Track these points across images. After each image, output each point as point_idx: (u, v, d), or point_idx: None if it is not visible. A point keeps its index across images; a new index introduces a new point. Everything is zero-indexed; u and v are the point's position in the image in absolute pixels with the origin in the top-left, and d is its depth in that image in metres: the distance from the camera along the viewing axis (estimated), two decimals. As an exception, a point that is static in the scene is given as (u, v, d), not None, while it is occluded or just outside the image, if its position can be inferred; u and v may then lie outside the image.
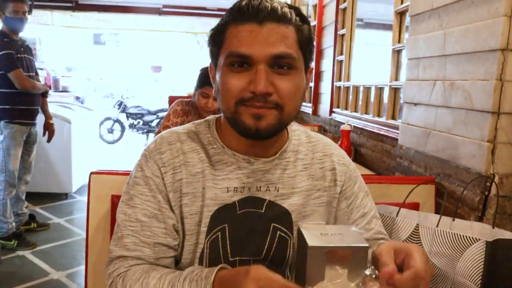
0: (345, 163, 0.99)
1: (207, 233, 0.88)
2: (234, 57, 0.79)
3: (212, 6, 8.01)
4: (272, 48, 0.77)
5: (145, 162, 0.90)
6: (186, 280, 0.76)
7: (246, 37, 0.78)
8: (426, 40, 1.82)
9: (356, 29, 3.36)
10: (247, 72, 0.79)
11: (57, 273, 2.85)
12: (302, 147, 0.96)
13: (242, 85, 0.79)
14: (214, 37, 0.86)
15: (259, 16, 0.77)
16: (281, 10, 0.79)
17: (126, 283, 0.81)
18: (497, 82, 1.38)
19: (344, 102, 3.47)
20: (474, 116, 1.48)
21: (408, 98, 1.97)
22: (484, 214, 1.44)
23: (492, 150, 1.41)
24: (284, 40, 0.79)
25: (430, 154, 1.77)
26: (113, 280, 0.84)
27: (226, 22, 0.83)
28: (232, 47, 0.79)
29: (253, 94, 0.78)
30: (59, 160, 4.28)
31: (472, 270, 1.16)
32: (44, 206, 4.12)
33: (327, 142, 1.00)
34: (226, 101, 0.82)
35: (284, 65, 0.80)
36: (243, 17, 0.79)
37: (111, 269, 0.86)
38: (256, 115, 0.79)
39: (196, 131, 0.93)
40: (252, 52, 0.77)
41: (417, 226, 1.27)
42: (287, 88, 0.80)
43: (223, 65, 0.81)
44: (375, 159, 2.56)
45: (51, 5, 7.23)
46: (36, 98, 3.23)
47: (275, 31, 0.78)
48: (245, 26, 0.78)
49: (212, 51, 0.87)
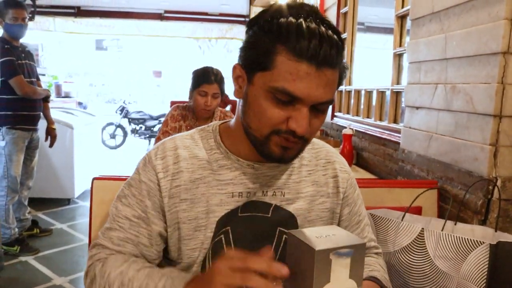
0: (347, 171, 1.02)
1: (213, 238, 0.89)
2: (284, 94, 0.77)
3: (213, 11, 8.02)
4: (322, 95, 0.78)
5: (143, 166, 0.91)
6: (163, 276, 0.79)
7: (302, 78, 0.75)
8: (427, 44, 1.82)
9: (358, 33, 3.37)
10: (289, 107, 0.78)
11: (60, 278, 2.85)
12: (306, 154, 0.98)
13: (282, 118, 0.79)
14: (256, 49, 0.80)
15: (318, 60, 0.74)
16: (337, 55, 0.77)
17: (106, 269, 0.84)
18: (499, 85, 1.38)
19: (346, 106, 3.48)
20: (476, 120, 1.48)
21: (409, 102, 1.97)
22: (487, 218, 1.43)
23: (494, 154, 1.41)
24: (331, 86, 0.79)
25: (432, 158, 1.76)
26: (92, 263, 0.88)
27: (277, 42, 0.76)
28: (285, 84, 0.76)
29: (290, 130, 0.79)
30: (62, 165, 4.29)
31: (476, 273, 1.15)
32: (46, 211, 4.12)
33: (329, 150, 1.03)
34: (260, 126, 0.82)
35: (323, 108, 0.82)
36: (301, 55, 0.74)
37: (93, 252, 0.89)
38: (285, 147, 0.82)
39: (200, 137, 0.94)
40: (304, 96, 0.76)
41: (422, 230, 1.27)
42: (317, 126, 0.83)
43: (266, 90, 0.78)
44: (377, 163, 2.56)
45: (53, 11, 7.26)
46: (37, 103, 3.24)
47: (328, 77, 0.77)
48: (302, 66, 0.75)
49: (249, 61, 0.82)
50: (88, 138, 4.87)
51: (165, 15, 8.03)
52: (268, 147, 0.83)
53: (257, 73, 0.80)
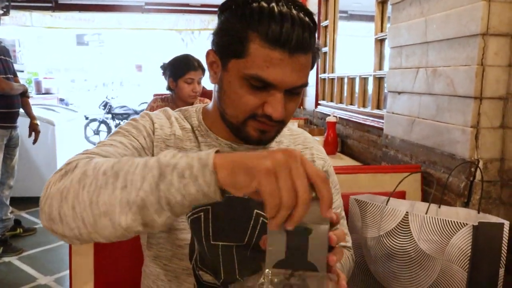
0: (323, 158, 1.03)
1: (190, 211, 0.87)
2: (258, 81, 0.77)
3: (195, 3, 7.93)
4: (297, 80, 0.78)
5: (140, 117, 0.90)
6: (180, 153, 0.63)
7: (275, 65, 0.75)
8: (408, 28, 1.81)
9: (341, 21, 3.36)
10: (264, 92, 0.79)
11: (45, 278, 2.81)
12: (284, 139, 1.00)
13: (258, 103, 0.80)
14: (229, 36, 0.79)
15: (291, 45, 0.75)
16: (309, 39, 0.77)
17: (93, 160, 0.65)
18: (479, 67, 1.37)
19: (329, 94, 3.47)
20: (457, 102, 1.48)
21: (392, 87, 1.97)
22: (470, 200, 1.44)
23: (476, 136, 1.41)
24: (305, 70, 0.80)
25: (415, 142, 1.76)
26: (73, 161, 0.68)
27: (249, 29, 0.76)
28: (258, 71, 0.76)
29: (266, 114, 0.80)
30: (44, 163, 4.21)
31: (460, 254, 1.16)
32: (29, 210, 4.05)
33: (307, 136, 1.05)
34: (236, 112, 0.82)
35: (298, 91, 0.82)
36: (273, 41, 0.74)
37: (76, 157, 0.71)
38: (262, 130, 0.83)
39: (184, 116, 0.95)
40: (278, 82, 0.77)
41: (407, 214, 1.27)
42: (293, 109, 0.85)
43: (241, 77, 0.78)
44: (361, 149, 2.56)
45: (30, 6, 7.08)
46: (15, 100, 3.16)
47: (301, 62, 0.78)
48: (275, 53, 0.75)
49: (223, 48, 0.81)
50: (70, 134, 4.79)
51: (146, 8, 7.91)
52: (245, 131, 0.84)
53: (231, 60, 0.80)
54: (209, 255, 0.88)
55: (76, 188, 0.60)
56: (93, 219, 0.59)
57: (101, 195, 0.59)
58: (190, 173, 0.57)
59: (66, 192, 0.61)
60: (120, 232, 0.59)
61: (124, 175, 0.59)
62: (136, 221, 0.58)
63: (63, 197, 0.61)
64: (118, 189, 0.58)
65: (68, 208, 0.60)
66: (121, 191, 0.58)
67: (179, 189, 0.57)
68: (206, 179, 0.56)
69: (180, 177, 0.57)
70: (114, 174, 0.59)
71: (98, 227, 0.59)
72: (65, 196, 0.61)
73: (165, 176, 0.57)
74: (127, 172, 0.59)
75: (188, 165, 0.57)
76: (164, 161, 0.59)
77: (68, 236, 0.62)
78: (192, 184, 0.57)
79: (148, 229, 0.60)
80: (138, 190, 0.57)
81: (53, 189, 0.63)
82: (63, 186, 0.62)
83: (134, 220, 0.58)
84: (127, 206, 0.58)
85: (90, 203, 0.59)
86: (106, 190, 0.59)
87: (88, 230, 0.60)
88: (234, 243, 0.90)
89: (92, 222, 0.59)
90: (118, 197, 0.58)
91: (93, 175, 0.61)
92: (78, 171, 0.63)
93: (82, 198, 0.59)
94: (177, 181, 0.57)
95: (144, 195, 0.57)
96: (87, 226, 0.60)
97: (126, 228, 0.59)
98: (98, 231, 0.60)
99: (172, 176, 0.57)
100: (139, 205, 0.57)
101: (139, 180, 0.58)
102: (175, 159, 0.59)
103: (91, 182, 0.60)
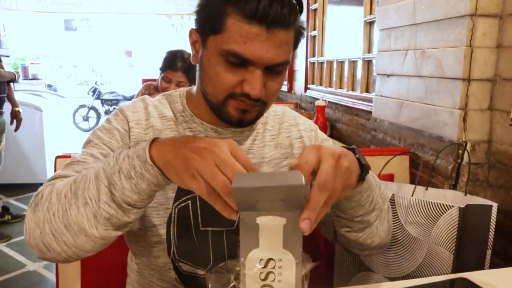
0: (312, 129, 1.00)
1: (175, 199, 0.87)
2: (235, 57, 0.75)
3: (184, -14, 7.81)
4: (275, 57, 0.76)
5: (114, 116, 0.89)
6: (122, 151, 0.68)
7: (252, 40, 0.73)
8: (397, 10, 1.79)
9: (331, 5, 3.31)
10: (242, 69, 0.77)
11: (34, 264, 2.79)
12: (269, 120, 0.98)
13: (236, 81, 0.78)
14: (207, 12, 0.78)
15: (268, 20, 0.72)
16: (289, 15, 0.74)
17: (58, 184, 0.70)
18: (467, 49, 1.36)
19: (318, 78, 3.45)
20: (445, 84, 1.47)
21: (380, 70, 1.95)
22: (457, 182, 1.44)
23: (464, 118, 1.40)
24: (285, 47, 0.77)
25: (404, 125, 1.76)
26: (39, 192, 0.72)
27: (227, 4, 0.74)
28: (235, 47, 0.74)
29: (245, 93, 0.78)
30: (32, 149, 4.16)
31: (446, 237, 1.16)
32: (18, 197, 4.01)
33: (293, 114, 1.02)
34: (215, 90, 0.80)
35: (279, 70, 0.80)
36: (250, 16, 0.72)
37: (48, 183, 0.74)
38: (243, 110, 0.81)
39: (167, 101, 0.93)
40: (255, 58, 0.75)
41: (393, 196, 1.26)
42: (275, 89, 0.82)
43: (219, 54, 0.76)
44: (351, 133, 2.55)
45: (15, -11, 6.94)
46: (1, 86, 3.11)
47: (280, 38, 0.75)
48: (252, 28, 0.73)
49: (202, 24, 0.80)
50: (58, 120, 4.73)
51: (134, -9, 7.78)
52: (226, 111, 0.82)
53: (209, 37, 0.78)
54: (198, 242, 0.87)
55: (48, 217, 0.66)
56: (72, 240, 0.65)
57: (70, 217, 0.65)
58: (135, 172, 0.63)
59: (42, 223, 0.66)
60: (100, 242, 0.66)
61: (81, 193, 0.65)
62: (108, 229, 0.65)
63: (41, 229, 0.66)
64: (81, 207, 0.64)
65: (49, 237, 0.66)
66: (84, 208, 0.64)
67: (132, 189, 0.63)
68: (150, 173, 0.62)
69: (128, 178, 0.63)
70: (74, 194, 0.66)
71: (79, 244, 0.66)
72: (42, 227, 0.66)
73: (115, 183, 0.63)
74: (83, 189, 0.65)
75: (131, 165, 0.63)
76: (109, 169, 0.65)
77: (60, 260, 0.68)
78: (141, 181, 0.63)
79: (125, 229, 0.67)
80: (98, 202, 0.64)
81: (31, 224, 0.68)
82: (38, 218, 0.67)
83: (106, 229, 0.65)
84: (95, 220, 0.64)
85: (65, 227, 0.65)
86: (72, 211, 0.65)
87: (73, 250, 0.66)
88: (224, 228, 0.89)
89: (73, 242, 0.65)
90: (84, 214, 0.64)
91: (57, 201, 0.66)
92: (44, 200, 0.68)
93: (56, 225, 0.65)
94: (127, 183, 0.63)
95: (104, 206, 0.64)
96: (70, 247, 0.66)
97: (102, 238, 0.65)
98: (80, 248, 0.66)
99: (121, 181, 0.63)
100: (105, 216, 0.64)
101: (95, 193, 0.64)
102: (118, 164, 0.64)
103: (57, 208, 0.66)
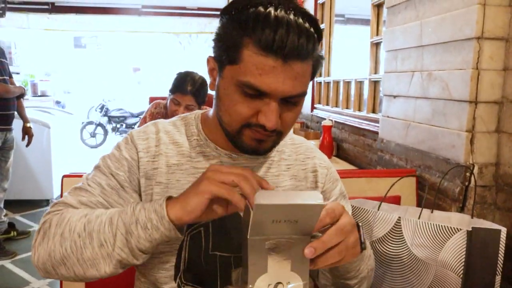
0: (326, 166, 1.00)
1: (188, 226, 0.86)
2: (251, 89, 0.74)
3: (192, 6, 7.94)
4: (291, 89, 0.75)
5: (125, 144, 0.90)
6: (138, 203, 0.77)
7: (267, 72, 0.72)
8: (403, 32, 1.80)
9: (338, 24, 3.35)
10: (258, 100, 0.76)
11: (38, 282, 2.78)
12: (286, 148, 0.97)
13: (252, 112, 0.77)
14: (224, 42, 0.77)
15: (285, 52, 0.71)
16: (307, 46, 0.73)
17: (65, 216, 0.79)
18: (474, 71, 1.37)
19: (325, 98, 3.46)
20: (452, 106, 1.47)
21: (387, 91, 1.96)
22: (465, 205, 1.43)
23: (471, 140, 1.40)
24: (302, 79, 0.76)
25: (410, 146, 1.75)
26: (47, 219, 0.81)
27: (244, 35, 0.73)
28: (251, 79, 0.73)
29: (260, 124, 0.77)
30: (39, 166, 4.19)
31: (454, 260, 1.14)
32: (24, 213, 4.02)
33: (309, 146, 1.02)
34: (231, 120, 0.80)
35: (295, 101, 0.79)
36: (266, 48, 0.71)
37: (55, 208, 0.83)
38: (258, 140, 0.81)
39: (182, 124, 0.94)
40: (271, 91, 0.74)
41: (399, 219, 1.25)
42: (292, 120, 0.81)
43: (235, 84, 0.76)
44: (357, 154, 2.55)
45: (27, 8, 7.09)
46: (11, 102, 3.14)
47: (296, 70, 0.74)
48: (268, 60, 0.72)
49: (219, 54, 0.79)
50: (66, 137, 4.77)
51: (143, 10, 7.91)
52: (241, 141, 0.81)
53: (226, 66, 0.78)
54: (206, 266, 0.87)
55: (61, 251, 0.75)
56: (82, 271, 0.75)
57: (84, 253, 0.74)
58: (151, 225, 0.72)
59: (53, 253, 0.76)
60: (106, 275, 0.76)
61: (96, 235, 0.74)
62: (117, 268, 0.75)
63: (52, 258, 0.76)
64: (96, 248, 0.74)
65: (61, 266, 0.76)
66: (99, 249, 0.74)
67: (146, 238, 0.73)
68: (165, 227, 0.72)
69: (144, 229, 0.72)
70: (88, 235, 0.74)
71: (88, 275, 0.76)
72: (53, 257, 0.76)
73: (132, 232, 0.73)
74: (98, 231, 0.74)
75: (148, 219, 0.73)
76: (127, 218, 0.74)
77: (64, 281, 0.83)
78: (156, 232, 0.73)
79: (130, 266, 0.77)
80: (113, 246, 0.73)
81: (40, 251, 0.77)
82: (49, 249, 0.76)
83: (116, 268, 0.75)
84: (108, 259, 0.74)
85: (77, 260, 0.75)
86: (87, 250, 0.74)
87: (80, 278, 0.77)
88: (232, 254, 0.89)
89: (82, 273, 0.76)
90: (99, 253, 0.74)
91: (70, 237, 0.75)
92: (54, 230, 0.77)
93: (70, 258, 0.75)
94: (143, 232, 0.72)
95: (119, 250, 0.73)
96: (78, 276, 0.76)
97: (110, 274, 0.76)
98: (87, 277, 0.77)
99: (138, 231, 0.73)
100: (117, 259, 0.74)
101: (111, 237, 0.73)
102: (135, 215, 0.74)
103: (71, 244, 0.75)
